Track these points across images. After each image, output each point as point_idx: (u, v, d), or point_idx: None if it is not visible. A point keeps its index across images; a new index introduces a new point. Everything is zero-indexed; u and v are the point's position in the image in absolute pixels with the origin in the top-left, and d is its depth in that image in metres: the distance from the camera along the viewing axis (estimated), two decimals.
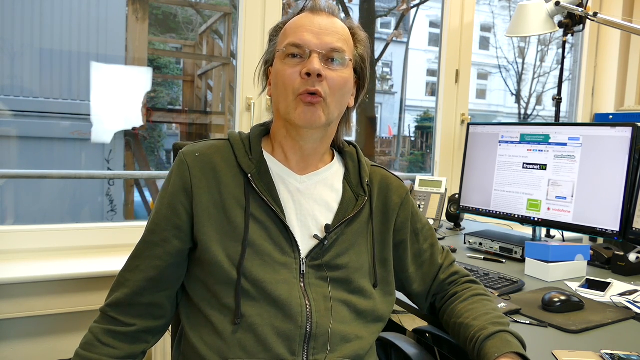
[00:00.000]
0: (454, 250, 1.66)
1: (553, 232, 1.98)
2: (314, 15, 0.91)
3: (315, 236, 0.91)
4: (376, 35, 6.69)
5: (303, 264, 0.89)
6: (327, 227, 0.91)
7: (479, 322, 0.89)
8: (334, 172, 0.98)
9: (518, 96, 8.64)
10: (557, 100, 2.11)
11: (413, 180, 2.14)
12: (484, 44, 8.90)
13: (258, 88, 1.01)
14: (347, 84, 0.92)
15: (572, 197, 1.53)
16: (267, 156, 0.94)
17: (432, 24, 7.94)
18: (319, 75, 0.86)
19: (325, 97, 0.88)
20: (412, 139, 7.18)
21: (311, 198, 0.93)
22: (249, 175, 0.90)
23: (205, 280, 0.88)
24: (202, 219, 0.88)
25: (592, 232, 1.48)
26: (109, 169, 4.47)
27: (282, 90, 0.89)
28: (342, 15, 0.97)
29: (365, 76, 0.97)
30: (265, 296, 0.85)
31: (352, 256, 0.93)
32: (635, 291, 1.26)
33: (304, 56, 0.88)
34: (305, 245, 0.90)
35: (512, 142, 1.70)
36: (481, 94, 9.75)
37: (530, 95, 8.44)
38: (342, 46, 0.90)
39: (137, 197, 4.75)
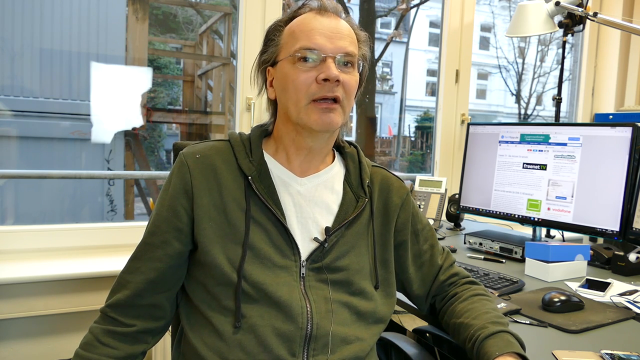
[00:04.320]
0: (454, 251, 1.66)
1: (553, 232, 1.98)
2: (322, 17, 0.89)
3: (316, 239, 0.91)
4: (376, 35, 6.68)
5: (303, 266, 0.89)
6: (327, 229, 0.91)
7: (478, 321, 0.89)
8: (335, 173, 0.98)
9: (518, 96, 8.63)
10: (557, 100, 2.10)
11: (413, 180, 2.13)
12: (484, 44, 8.89)
13: (257, 88, 0.99)
14: (357, 85, 0.93)
15: (572, 197, 1.53)
16: (268, 158, 0.94)
17: (432, 24, 7.93)
18: (337, 80, 0.86)
19: (341, 101, 0.88)
20: (412, 139, 7.17)
21: (312, 200, 0.93)
22: (250, 177, 0.90)
23: (205, 282, 0.88)
24: (202, 221, 0.88)
25: (592, 232, 1.48)
26: (109, 169, 4.46)
27: (293, 94, 0.88)
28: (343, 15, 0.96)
29: (365, 75, 0.97)
30: (265, 298, 0.85)
31: (353, 258, 0.92)
32: (635, 291, 1.26)
33: (317, 60, 0.87)
34: (306, 248, 0.90)
35: (512, 142, 1.70)
36: (481, 94, 9.74)
37: (530, 95, 8.43)
38: (354, 49, 0.90)
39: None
